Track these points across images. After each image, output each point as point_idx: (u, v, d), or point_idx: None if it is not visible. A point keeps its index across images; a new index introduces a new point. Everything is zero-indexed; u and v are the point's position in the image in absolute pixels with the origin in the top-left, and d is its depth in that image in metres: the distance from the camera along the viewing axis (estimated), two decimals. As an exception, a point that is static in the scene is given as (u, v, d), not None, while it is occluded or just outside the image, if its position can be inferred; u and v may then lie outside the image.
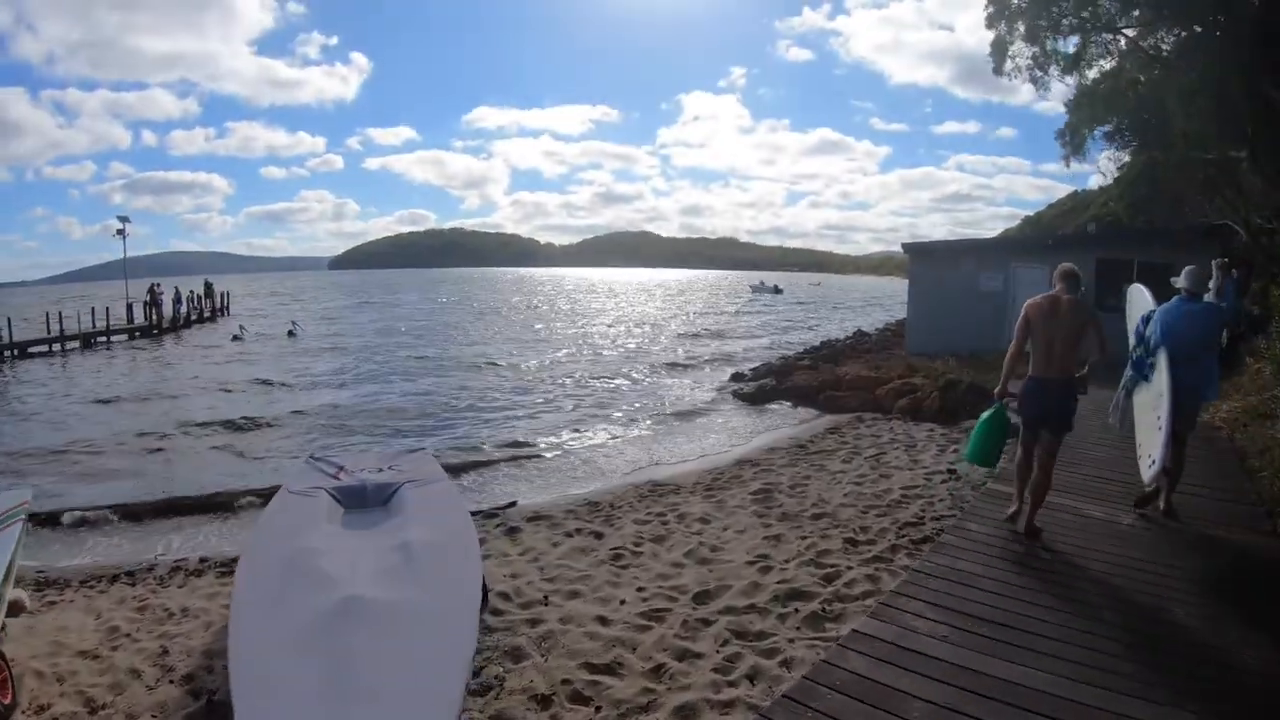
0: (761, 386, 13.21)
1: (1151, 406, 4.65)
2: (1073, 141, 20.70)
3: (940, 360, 13.78)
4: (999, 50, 18.56)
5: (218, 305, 38.18)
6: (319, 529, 3.61)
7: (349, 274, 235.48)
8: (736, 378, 15.19)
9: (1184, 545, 4.54)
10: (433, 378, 17.40)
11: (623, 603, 4.37)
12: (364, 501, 4.14)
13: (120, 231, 32.52)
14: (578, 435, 11.01)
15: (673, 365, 19.27)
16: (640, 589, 4.59)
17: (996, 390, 4.52)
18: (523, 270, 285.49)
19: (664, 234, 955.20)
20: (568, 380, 16.70)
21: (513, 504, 7.71)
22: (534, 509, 6.95)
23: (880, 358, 15.67)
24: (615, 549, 5.48)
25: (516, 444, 10.52)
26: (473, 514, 7.38)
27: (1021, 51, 18.30)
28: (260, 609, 2.80)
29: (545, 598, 4.52)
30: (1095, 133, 20.47)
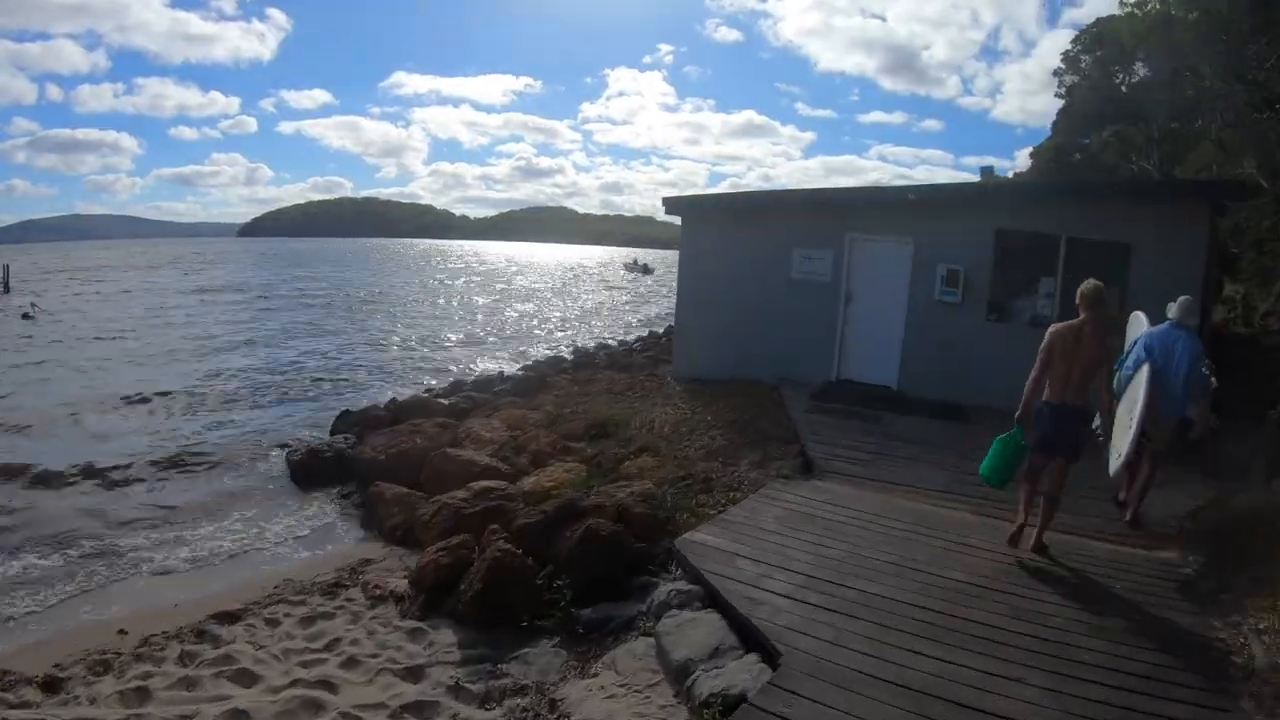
0: (320, 452, 6.73)
1: (1126, 411, 4.53)
2: None
3: (705, 405, 7.72)
4: None
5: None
6: None
7: (254, 242, 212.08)
8: (343, 417, 8.58)
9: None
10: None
11: None
12: None
13: None
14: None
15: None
16: None
17: (1017, 415, 4.24)
18: (437, 243, 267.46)
19: (582, 210, 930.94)
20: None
21: None
22: None
23: (637, 381, 9.50)
24: None
25: None
26: None
27: None
28: None
29: None
30: None
